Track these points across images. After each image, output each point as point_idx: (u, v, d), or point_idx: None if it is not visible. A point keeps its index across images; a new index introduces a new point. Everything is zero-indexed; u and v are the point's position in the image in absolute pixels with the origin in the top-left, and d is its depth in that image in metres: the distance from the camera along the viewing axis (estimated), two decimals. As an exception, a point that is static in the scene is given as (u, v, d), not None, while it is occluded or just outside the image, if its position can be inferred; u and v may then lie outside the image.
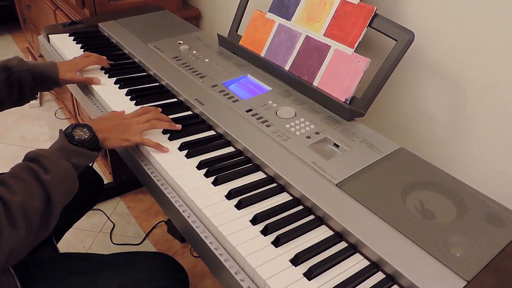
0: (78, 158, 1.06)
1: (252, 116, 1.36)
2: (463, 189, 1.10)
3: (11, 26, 4.80)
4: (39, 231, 0.94)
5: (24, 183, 0.94)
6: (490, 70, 1.31)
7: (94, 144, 1.12)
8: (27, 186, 0.94)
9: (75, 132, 1.09)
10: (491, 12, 1.26)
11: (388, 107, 1.65)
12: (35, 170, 0.96)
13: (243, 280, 0.93)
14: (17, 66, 1.38)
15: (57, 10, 2.55)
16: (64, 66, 1.52)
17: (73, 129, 1.10)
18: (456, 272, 0.89)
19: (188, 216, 1.08)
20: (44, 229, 0.96)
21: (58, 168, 0.99)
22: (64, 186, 1.00)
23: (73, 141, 1.07)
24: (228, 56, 1.75)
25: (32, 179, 0.95)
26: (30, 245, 0.94)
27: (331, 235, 1.02)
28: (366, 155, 1.21)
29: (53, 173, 0.97)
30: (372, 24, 1.35)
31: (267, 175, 1.20)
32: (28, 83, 1.40)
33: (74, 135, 1.08)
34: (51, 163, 0.99)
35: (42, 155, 1.00)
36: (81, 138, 1.09)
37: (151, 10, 2.24)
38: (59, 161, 1.01)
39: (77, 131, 1.10)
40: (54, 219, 0.98)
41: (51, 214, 0.96)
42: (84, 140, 1.09)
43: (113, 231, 2.32)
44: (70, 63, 1.57)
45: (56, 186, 0.97)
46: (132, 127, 1.24)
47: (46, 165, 0.98)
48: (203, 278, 2.09)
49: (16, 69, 1.37)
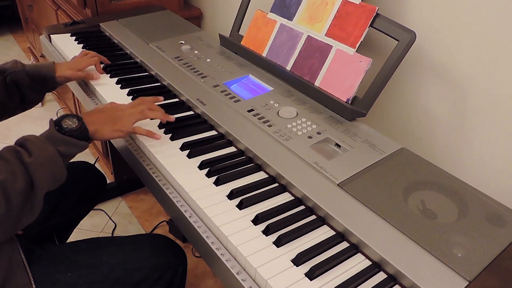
0: (65, 146, 1.07)
1: (254, 116, 1.36)
2: (464, 189, 1.10)
3: (12, 26, 4.80)
4: (22, 213, 0.97)
5: (7, 163, 0.96)
6: (492, 70, 1.30)
7: (83, 134, 1.12)
8: (10, 166, 0.96)
9: (64, 122, 1.10)
10: (493, 11, 1.26)
11: (390, 107, 1.65)
12: (20, 152, 0.99)
13: (245, 280, 0.93)
14: (11, 67, 1.39)
15: (59, 10, 2.55)
16: (63, 65, 1.53)
17: (63, 118, 1.11)
18: (457, 272, 0.89)
19: (190, 216, 1.08)
20: (28, 212, 0.98)
21: (42, 152, 1.01)
22: (47, 170, 1.01)
23: (61, 130, 1.08)
24: (229, 56, 1.75)
25: (15, 160, 0.97)
26: (12, 226, 0.97)
27: (332, 235, 1.02)
28: (367, 155, 1.21)
29: (35, 156, 0.99)
30: (374, 24, 1.35)
31: (268, 175, 1.20)
32: (24, 83, 1.40)
33: (63, 124, 1.09)
34: (36, 146, 1.01)
35: (28, 140, 1.02)
36: (69, 127, 1.09)
37: (152, 10, 2.24)
38: (43, 145, 1.03)
39: (66, 120, 1.10)
40: (37, 202, 1.00)
41: (34, 197, 0.99)
42: (72, 129, 1.09)
43: (114, 231, 2.32)
44: (70, 62, 1.58)
45: (38, 169, 0.98)
46: (124, 118, 1.24)
47: (30, 148, 1.00)
48: (204, 278, 2.09)
49: (10, 70, 1.38)
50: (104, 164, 2.70)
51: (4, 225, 0.94)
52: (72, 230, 1.75)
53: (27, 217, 0.99)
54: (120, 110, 1.26)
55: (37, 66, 1.46)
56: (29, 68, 1.43)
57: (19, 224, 0.98)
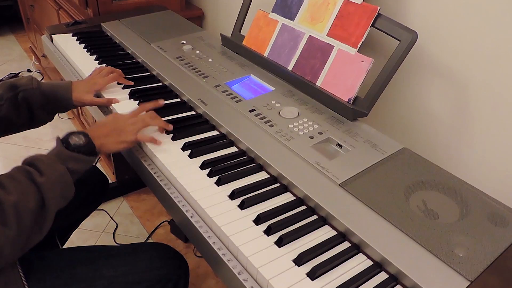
0: (74, 163, 1.07)
1: (255, 116, 1.36)
2: (466, 189, 1.10)
3: (14, 26, 4.80)
4: (31, 233, 0.96)
5: (19, 184, 0.96)
6: (494, 69, 1.30)
7: (90, 150, 1.13)
8: (22, 187, 0.95)
9: (71, 139, 1.11)
10: (495, 11, 1.26)
11: (391, 107, 1.65)
12: (31, 172, 0.98)
13: (246, 280, 0.93)
14: (24, 84, 1.34)
15: (60, 10, 2.56)
16: (80, 87, 1.46)
17: (69, 135, 1.11)
18: (459, 272, 0.89)
19: (191, 216, 1.08)
20: (37, 231, 0.97)
21: (53, 171, 1.01)
22: (58, 189, 1.01)
23: (69, 147, 1.09)
24: (231, 56, 1.75)
25: (27, 180, 0.97)
26: (21, 247, 0.95)
27: (334, 235, 1.02)
28: (369, 155, 1.21)
29: (47, 176, 0.99)
30: (375, 24, 1.35)
31: (270, 175, 1.20)
32: (36, 102, 1.35)
33: (70, 141, 1.10)
34: (46, 166, 1.01)
35: (38, 159, 1.02)
36: (76, 144, 1.10)
37: (154, 10, 2.25)
38: (54, 165, 1.03)
39: (73, 137, 1.11)
40: (47, 223, 0.99)
41: (45, 217, 0.98)
42: (80, 146, 1.10)
43: (116, 231, 2.32)
44: (87, 83, 1.50)
45: (50, 189, 0.98)
46: (127, 129, 1.25)
47: (41, 168, 1.00)
48: (206, 278, 2.09)
49: (24, 87, 1.34)
50: (105, 164, 2.71)
51: (14, 246, 0.93)
52: (73, 231, 1.75)
53: (35, 237, 0.98)
54: (122, 121, 1.26)
55: (53, 86, 1.41)
56: (44, 88, 1.38)
57: (28, 244, 0.97)
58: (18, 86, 1.33)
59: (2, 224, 0.90)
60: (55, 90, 1.40)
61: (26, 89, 1.33)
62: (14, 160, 2.81)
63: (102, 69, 1.59)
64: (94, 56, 1.79)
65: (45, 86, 1.38)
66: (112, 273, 1.15)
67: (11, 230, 0.90)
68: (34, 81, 1.36)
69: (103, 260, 1.18)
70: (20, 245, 0.95)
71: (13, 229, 0.91)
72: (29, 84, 1.35)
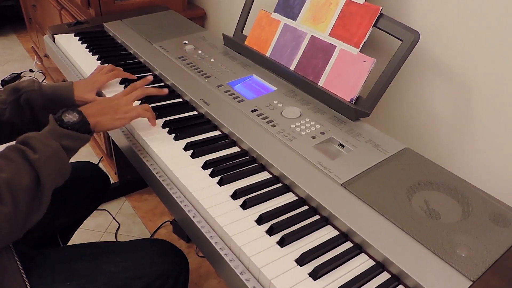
0: (68, 140, 1.07)
1: (258, 116, 1.36)
2: (468, 189, 1.10)
3: (16, 26, 4.81)
4: (30, 210, 0.96)
5: (12, 162, 0.96)
6: (496, 69, 1.30)
7: (85, 127, 1.13)
8: (15, 164, 0.96)
9: (65, 116, 1.10)
10: (496, 11, 1.26)
11: (394, 107, 1.65)
12: (24, 150, 0.99)
13: (248, 280, 0.93)
14: (26, 86, 1.34)
15: (62, 10, 2.56)
16: (82, 86, 1.46)
17: (63, 113, 1.11)
18: (461, 272, 0.89)
19: (194, 216, 1.08)
20: (36, 209, 0.98)
21: (46, 147, 1.01)
22: (53, 165, 1.01)
23: (63, 124, 1.09)
24: (233, 56, 1.75)
25: (20, 158, 0.97)
26: (20, 225, 0.96)
27: (336, 235, 1.02)
28: (371, 155, 1.21)
29: (41, 152, 0.99)
30: (378, 24, 1.35)
31: (272, 175, 1.20)
32: (38, 104, 1.35)
33: (64, 118, 1.10)
34: (39, 143, 1.01)
35: (31, 137, 1.02)
36: (70, 121, 1.10)
37: (156, 10, 2.25)
38: (47, 141, 1.03)
39: (66, 114, 1.11)
40: (45, 199, 0.99)
41: (42, 194, 0.98)
42: (74, 123, 1.10)
43: (118, 231, 2.33)
44: (88, 82, 1.49)
45: (44, 165, 0.98)
46: (122, 105, 1.26)
47: (34, 145, 1.00)
48: (208, 278, 2.09)
49: (25, 89, 1.33)
50: (107, 164, 2.71)
51: (13, 224, 0.93)
52: (75, 230, 1.75)
53: (35, 215, 0.98)
54: (116, 99, 1.28)
55: (54, 87, 1.41)
56: (46, 89, 1.37)
57: (28, 223, 0.97)
58: (20, 89, 1.33)
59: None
60: (57, 90, 1.40)
61: (28, 91, 1.33)
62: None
63: (102, 67, 1.59)
64: (96, 56, 1.80)
65: (46, 87, 1.38)
66: (113, 269, 1.15)
67: (6, 206, 0.91)
68: (35, 83, 1.37)
69: (104, 256, 1.19)
70: (19, 223, 0.95)
71: (9, 206, 0.91)
72: (30, 86, 1.34)
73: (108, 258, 1.18)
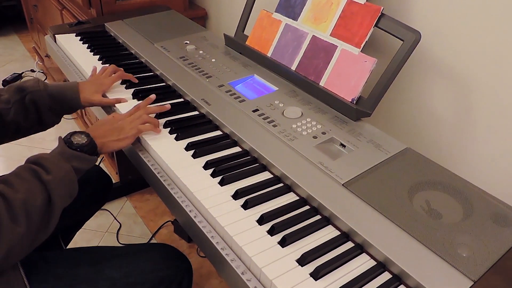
0: (77, 162, 1.09)
1: (259, 116, 1.36)
2: (469, 189, 1.10)
3: (17, 26, 4.81)
4: (38, 231, 0.97)
5: (26, 182, 0.97)
6: (497, 70, 1.30)
7: (93, 149, 1.15)
8: (29, 185, 0.96)
9: (74, 138, 1.12)
10: (498, 11, 1.26)
11: (395, 107, 1.65)
12: (37, 170, 0.99)
13: (250, 280, 0.93)
14: (31, 86, 1.35)
15: (64, 10, 2.56)
16: (87, 87, 1.47)
17: (72, 135, 1.13)
18: (462, 272, 0.89)
19: (195, 216, 1.08)
20: (43, 229, 0.98)
21: (59, 169, 1.03)
22: (64, 187, 1.03)
23: (72, 146, 1.10)
24: (234, 56, 1.75)
25: (34, 178, 0.98)
26: (29, 245, 0.96)
27: (337, 235, 1.02)
28: (372, 155, 1.21)
29: (54, 174, 1.00)
30: (379, 24, 1.35)
31: (273, 175, 1.20)
32: (44, 104, 1.36)
33: (73, 141, 1.12)
34: (52, 164, 1.02)
35: (43, 158, 1.03)
36: (79, 143, 1.12)
37: (157, 10, 2.25)
38: (59, 163, 1.04)
39: (75, 137, 1.13)
40: (53, 220, 1.00)
41: (51, 215, 0.99)
42: (83, 145, 1.12)
43: (119, 231, 2.33)
44: (94, 84, 1.50)
45: (56, 187, 1.00)
46: (126, 127, 1.27)
47: (47, 166, 1.01)
48: (209, 278, 2.09)
49: (31, 89, 1.34)
50: (109, 164, 2.71)
51: (23, 244, 0.94)
52: (77, 231, 1.75)
53: (43, 235, 0.99)
54: (120, 119, 1.29)
55: (60, 87, 1.41)
56: (51, 89, 1.38)
57: (35, 243, 0.98)
58: (25, 89, 1.34)
59: (12, 221, 0.91)
60: (62, 91, 1.41)
61: (33, 91, 1.34)
62: (18, 160, 2.80)
63: (105, 69, 1.59)
64: (97, 56, 1.80)
65: (52, 87, 1.39)
66: (115, 274, 1.15)
67: (21, 227, 0.92)
68: (40, 83, 1.37)
69: (106, 261, 1.19)
70: (28, 243, 0.95)
71: (23, 226, 0.92)
72: (36, 86, 1.35)
73: (110, 263, 1.18)
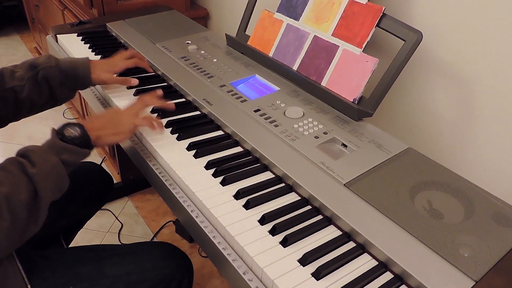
0: (67, 155, 1.07)
1: (260, 116, 1.36)
2: (471, 189, 1.10)
3: (19, 26, 4.82)
4: (26, 224, 0.96)
5: (11, 175, 0.96)
6: (499, 70, 1.30)
7: (85, 142, 1.13)
8: (14, 178, 0.96)
9: (66, 131, 1.10)
10: (500, 11, 1.26)
11: (396, 107, 1.65)
12: (23, 163, 0.99)
13: (251, 280, 0.93)
14: (44, 63, 1.35)
15: (65, 10, 2.56)
16: (99, 66, 1.48)
17: (65, 127, 1.11)
18: (464, 272, 0.89)
19: (196, 216, 1.08)
20: (32, 223, 0.98)
21: (45, 162, 1.01)
22: (51, 180, 1.01)
23: (64, 139, 1.09)
24: (236, 56, 1.75)
25: (19, 172, 0.97)
26: (17, 239, 0.96)
27: (339, 235, 1.02)
28: (374, 155, 1.21)
29: (39, 167, 0.99)
30: (380, 24, 1.35)
31: (275, 175, 1.20)
32: (57, 80, 1.36)
33: (65, 133, 1.10)
34: (39, 157, 1.01)
35: (31, 150, 1.02)
36: (71, 135, 1.10)
37: (159, 10, 2.25)
38: (46, 156, 1.03)
39: (68, 129, 1.11)
40: (42, 213, 1.00)
41: (39, 208, 0.98)
42: (75, 138, 1.10)
43: (121, 231, 2.33)
44: (106, 63, 1.53)
45: (42, 180, 0.99)
46: (124, 120, 1.25)
47: (33, 159, 1.00)
48: (211, 278, 2.09)
49: (43, 65, 1.34)
50: (110, 164, 2.71)
51: (10, 238, 0.94)
52: (78, 230, 1.75)
53: (32, 228, 0.98)
54: (119, 113, 1.27)
55: (71, 63, 1.41)
56: (63, 65, 1.38)
57: (24, 236, 0.98)
58: (37, 65, 1.34)
59: None
60: (74, 67, 1.41)
61: (45, 67, 1.34)
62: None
63: (123, 52, 1.60)
64: (99, 56, 1.80)
65: (63, 63, 1.39)
66: (115, 272, 1.15)
67: (5, 221, 0.91)
68: (52, 58, 1.38)
69: (107, 259, 1.19)
70: (16, 237, 0.95)
71: (7, 220, 0.91)
72: (47, 62, 1.35)
73: (111, 262, 1.18)
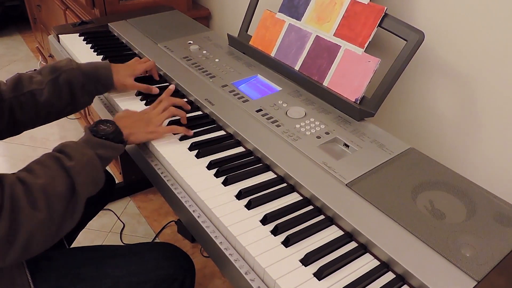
0: (102, 150, 1.10)
1: (262, 116, 1.36)
2: (473, 189, 1.10)
3: (21, 26, 4.82)
4: (63, 219, 0.97)
5: (48, 168, 0.97)
6: (500, 69, 1.30)
7: (119, 137, 1.17)
8: (51, 171, 0.97)
9: (99, 127, 1.14)
10: (501, 11, 1.25)
11: (398, 107, 1.65)
12: (60, 158, 1.00)
13: (253, 280, 0.93)
14: (65, 66, 1.35)
15: (67, 10, 2.56)
16: (121, 70, 1.49)
17: (97, 124, 1.15)
18: (466, 272, 0.89)
19: (198, 216, 1.08)
20: (69, 217, 0.99)
21: (81, 156, 1.03)
22: (87, 173, 1.03)
23: (97, 135, 1.12)
24: (238, 56, 1.75)
25: (56, 165, 0.99)
26: (54, 233, 0.96)
27: (341, 235, 1.02)
28: (376, 155, 1.21)
29: (76, 160, 1.01)
30: (382, 24, 1.35)
31: (277, 175, 1.20)
32: (78, 82, 1.36)
33: (99, 129, 1.13)
34: (75, 151, 1.03)
35: (67, 145, 1.05)
36: (104, 131, 1.13)
37: (161, 10, 2.25)
38: (83, 150, 1.05)
39: (101, 125, 1.15)
40: (79, 208, 1.00)
41: (76, 202, 0.99)
42: (108, 133, 1.14)
43: (123, 231, 2.33)
44: (127, 67, 1.53)
45: (79, 173, 1.00)
46: (154, 119, 1.29)
47: (70, 153, 1.02)
48: (213, 278, 2.09)
49: (65, 68, 1.34)
50: (112, 164, 2.71)
51: (46, 232, 0.94)
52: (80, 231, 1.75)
53: (68, 224, 0.99)
54: (145, 113, 1.31)
55: (93, 67, 1.42)
56: (85, 68, 1.39)
57: (60, 231, 0.98)
58: (59, 68, 1.34)
59: (32, 207, 0.91)
60: (96, 69, 1.42)
61: (67, 70, 1.35)
62: (21, 160, 2.82)
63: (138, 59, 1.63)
64: (101, 56, 1.80)
65: (85, 66, 1.40)
66: (118, 273, 1.15)
67: (41, 212, 0.91)
68: (73, 62, 1.39)
69: (109, 260, 1.19)
70: (52, 231, 0.95)
71: (43, 211, 0.92)
72: (69, 65, 1.36)
73: (112, 262, 1.18)
